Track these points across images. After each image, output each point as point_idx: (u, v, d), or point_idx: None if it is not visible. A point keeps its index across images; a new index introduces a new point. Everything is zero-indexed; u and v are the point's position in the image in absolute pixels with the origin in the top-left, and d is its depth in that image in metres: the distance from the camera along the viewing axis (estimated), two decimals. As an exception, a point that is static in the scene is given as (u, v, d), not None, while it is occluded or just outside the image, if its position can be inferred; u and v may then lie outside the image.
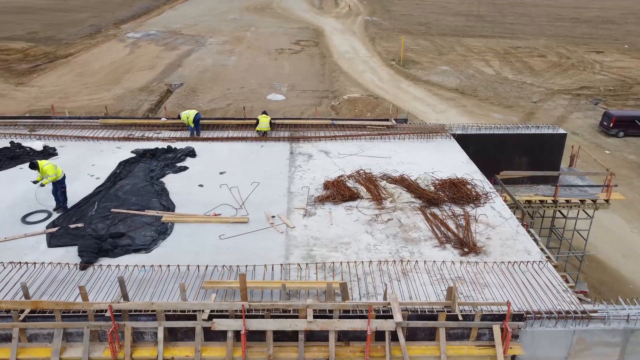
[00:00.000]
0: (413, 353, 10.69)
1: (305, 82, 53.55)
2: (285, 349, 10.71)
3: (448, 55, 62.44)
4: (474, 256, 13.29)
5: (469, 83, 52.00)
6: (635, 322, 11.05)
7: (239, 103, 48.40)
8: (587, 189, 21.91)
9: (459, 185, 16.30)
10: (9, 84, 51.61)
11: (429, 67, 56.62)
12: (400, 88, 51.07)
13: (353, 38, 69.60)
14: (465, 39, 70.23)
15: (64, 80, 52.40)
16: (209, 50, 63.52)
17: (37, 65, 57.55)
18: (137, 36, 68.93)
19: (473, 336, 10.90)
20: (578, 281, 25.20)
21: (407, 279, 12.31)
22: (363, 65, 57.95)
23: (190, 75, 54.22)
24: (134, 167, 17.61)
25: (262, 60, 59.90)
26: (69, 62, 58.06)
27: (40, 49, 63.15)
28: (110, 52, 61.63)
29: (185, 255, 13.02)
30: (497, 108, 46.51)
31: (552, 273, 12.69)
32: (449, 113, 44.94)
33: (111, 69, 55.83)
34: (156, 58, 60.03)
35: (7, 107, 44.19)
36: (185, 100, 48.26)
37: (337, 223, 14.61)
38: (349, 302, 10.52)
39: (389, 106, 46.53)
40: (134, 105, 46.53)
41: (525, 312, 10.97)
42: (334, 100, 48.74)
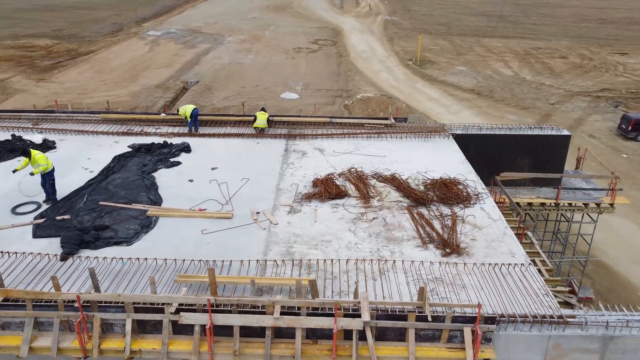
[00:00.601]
0: (381, 353, 10.54)
1: (320, 81, 53.50)
2: (253, 344, 10.66)
3: (466, 55, 61.67)
4: (455, 257, 13.05)
5: (485, 84, 51.25)
6: (614, 329, 10.69)
7: (252, 101, 48.62)
8: (591, 192, 21.37)
9: (450, 186, 16.04)
10: (30, 79, 52.79)
11: (446, 68, 56.01)
12: (415, 88, 50.63)
13: (371, 38, 69.28)
14: (486, 39, 69.28)
15: (83, 76, 53.38)
16: (226, 48, 63.98)
17: (59, 62, 58.74)
18: (158, 34, 69.83)
19: (444, 338, 10.69)
20: (583, 287, 24.62)
21: (384, 279, 12.14)
22: (379, 65, 57.62)
23: (207, 73, 54.68)
24: (128, 162, 17.79)
25: (278, 59, 60.05)
26: (90, 59, 59.13)
27: (63, 46, 64.46)
28: (130, 50, 62.57)
29: (166, 248, 13.08)
30: (513, 109, 45.72)
31: (534, 276, 12.37)
32: (463, 114, 44.36)
33: (130, 66, 56.64)
34: (174, 56, 60.72)
35: (26, 102, 45.12)
36: (200, 98, 48.69)
37: (321, 221, 14.51)
38: (315, 300, 10.42)
39: (402, 106, 46.35)
40: (149, 101, 47.10)
41: (498, 315, 10.72)
42: (348, 100, 48.57)
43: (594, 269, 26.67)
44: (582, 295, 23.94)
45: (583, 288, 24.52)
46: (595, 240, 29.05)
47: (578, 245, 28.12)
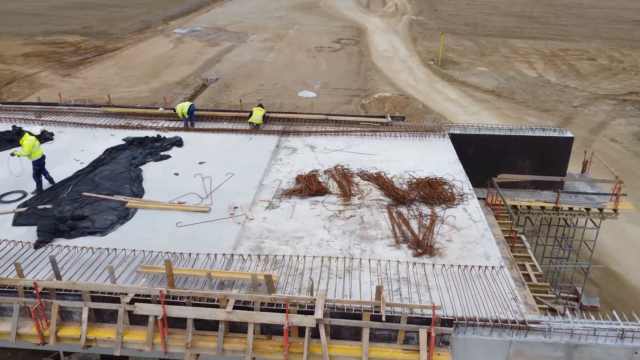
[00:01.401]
0: (335, 352, 10.37)
1: (340, 80, 53.33)
2: (207, 338, 10.63)
3: (490, 56, 60.55)
4: (427, 257, 12.76)
5: (507, 85, 50.19)
6: (580, 337, 10.26)
7: (270, 99, 48.82)
8: (595, 197, 20.63)
9: (435, 185, 15.70)
10: (57, 75, 54.22)
11: (467, 68, 55.09)
12: (434, 88, 49.95)
13: (395, 37, 68.70)
14: (512, 40, 67.86)
15: (107, 72, 54.54)
16: (249, 46, 64.41)
17: (86, 58, 60.18)
18: (183, 32, 70.82)
19: (400, 339, 10.44)
20: (589, 295, 23.90)
21: (350, 277, 11.96)
22: (400, 65, 57.09)
23: (227, 71, 55.16)
24: (119, 154, 18.04)
25: (299, 58, 60.15)
26: (115, 55, 60.37)
27: (91, 43, 66.00)
28: (155, 47, 63.63)
29: (138, 240, 13.18)
30: (534, 111, 44.65)
31: (505, 280, 11.99)
32: (481, 115, 43.56)
33: (153, 63, 57.59)
34: (197, 53, 61.46)
35: (50, 96, 46.24)
36: (218, 95, 49.18)
37: (298, 217, 14.41)
38: (267, 295, 10.32)
39: (419, 106, 45.84)
40: (168, 98, 47.65)
41: (457, 318, 10.41)
42: (365, 99, 48.27)
43: (603, 277, 25.82)
44: (586, 304, 23.22)
45: (588, 296, 23.79)
46: (607, 247, 28.19)
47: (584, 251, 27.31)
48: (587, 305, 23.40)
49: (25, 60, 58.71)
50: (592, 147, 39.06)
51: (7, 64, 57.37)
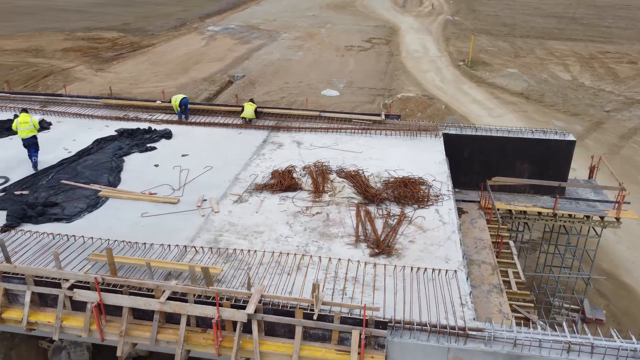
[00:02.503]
0: (267, 348, 10.19)
1: (366, 79, 52.88)
2: (143, 327, 10.65)
3: (525, 58, 58.73)
4: (384, 258, 12.39)
5: (537, 88, 48.54)
6: (522, 347, 9.70)
7: (293, 97, 48.94)
8: (597, 204, 19.62)
9: (411, 185, 15.26)
10: (91, 69, 55.94)
11: (498, 70, 53.62)
12: (461, 89, 48.84)
13: (427, 37, 67.59)
14: (550, 41, 65.62)
15: (138, 68, 55.89)
16: (279, 44, 64.71)
17: (120, 54, 61.87)
18: (217, 29, 71.84)
19: (335, 339, 10.16)
20: (595, 307, 22.81)
21: (299, 274, 11.74)
22: (429, 65, 56.11)
23: (254, 68, 55.56)
24: (107, 145, 18.38)
25: (328, 56, 59.99)
26: (148, 51, 61.81)
27: (127, 39, 67.80)
28: (187, 44, 64.78)
29: (101, 228, 13.37)
30: (562, 115, 43.03)
31: (459, 285, 11.49)
32: (506, 118, 42.29)
33: (183, 59, 58.63)
34: (228, 50, 62.21)
35: (82, 90, 47.86)
36: (242, 92, 49.54)
37: (263, 212, 14.28)
38: (197, 287, 10.23)
39: (441, 107, 44.91)
40: (193, 93, 48.48)
41: (394, 321, 10.03)
42: (388, 99, 47.65)
43: (613, 289, 24.61)
44: (590, 316, 22.18)
45: (594, 308, 22.73)
46: (624, 258, 26.85)
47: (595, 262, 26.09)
48: (592, 318, 22.33)
49: (64, 54, 60.82)
50: (621, 154, 37.43)
51: (47, 57, 59.59)
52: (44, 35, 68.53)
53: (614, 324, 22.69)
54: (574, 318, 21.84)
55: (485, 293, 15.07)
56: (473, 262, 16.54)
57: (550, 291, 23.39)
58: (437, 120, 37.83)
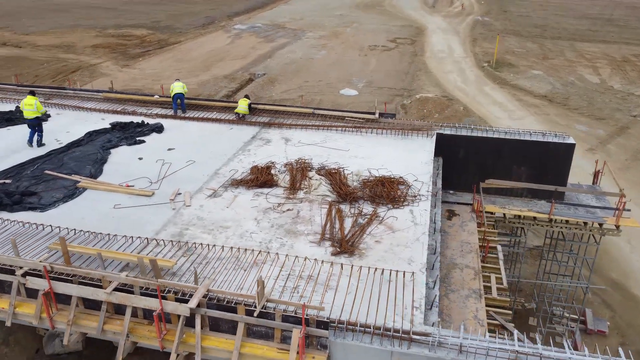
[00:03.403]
0: (210, 344, 10.09)
1: (386, 79, 52.37)
2: (92, 317, 10.70)
3: (553, 60, 57.07)
4: (345, 257, 12.12)
5: (562, 90, 47.09)
6: (467, 354, 9.31)
7: (311, 95, 48.82)
8: (597, 210, 18.81)
9: (389, 185, 14.92)
10: (117, 65, 57.14)
11: (523, 72, 52.27)
12: (482, 91, 47.81)
13: (454, 38, 66.47)
14: (582, 43, 63.62)
15: (162, 64, 56.78)
16: (303, 43, 64.75)
17: (147, 51, 63.00)
18: (243, 28, 72.41)
19: (277, 337, 9.98)
20: (598, 318, 21.95)
21: (255, 270, 11.59)
22: (452, 66, 55.15)
23: (276, 66, 55.73)
24: (98, 137, 18.64)
25: (350, 56, 59.67)
26: (174, 48, 62.76)
27: (156, 36, 69.00)
28: (212, 42, 65.49)
29: (73, 218, 13.53)
30: (585, 119, 41.59)
31: (417, 287, 11.12)
32: (526, 120, 41.17)
33: (207, 56, 59.29)
34: (251, 49, 62.59)
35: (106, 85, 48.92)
36: (261, 90, 49.78)
37: (235, 207, 14.20)
38: (140, 279, 10.19)
39: (460, 108, 44.07)
40: (213, 90, 49.00)
41: (337, 321, 9.77)
42: (406, 99, 47.06)
43: (621, 301, 23.59)
44: (591, 327, 21.36)
45: (597, 319, 21.89)
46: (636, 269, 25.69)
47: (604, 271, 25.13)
48: (593, 329, 21.48)
49: (93, 50, 62.32)
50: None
51: (77, 53, 61.19)
52: (76, 32, 70.39)
53: (617, 337, 21.76)
54: (573, 328, 21.02)
55: (463, 298, 14.60)
56: (456, 265, 16.08)
57: (554, 299, 22.60)
58: (454, 121, 37.13)
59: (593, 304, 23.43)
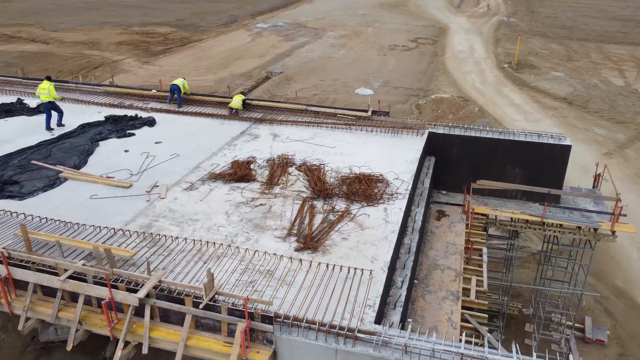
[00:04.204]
0: (158, 334, 10.09)
1: (403, 79, 51.88)
2: (48, 304, 10.82)
3: (577, 62, 55.58)
4: (308, 253, 11.97)
5: (583, 93, 45.82)
6: (411, 355, 9.05)
7: (325, 94, 48.75)
8: (594, 215, 18.17)
9: (366, 182, 14.69)
10: (138, 62, 58.09)
11: (544, 73, 51.06)
12: (500, 92, 46.88)
13: (476, 38, 65.39)
14: (610, 45, 61.80)
15: (182, 62, 57.47)
16: (323, 42, 64.68)
17: (169, 48, 63.86)
18: (265, 26, 72.75)
19: (224, 331, 9.90)
20: (598, 327, 21.28)
21: (213, 263, 11.55)
22: (472, 66, 54.26)
23: (293, 65, 55.80)
24: (90, 129, 18.91)
25: (369, 55, 59.33)
26: (195, 46, 63.46)
27: (179, 34, 69.90)
28: (233, 40, 65.98)
29: (49, 208, 13.74)
30: (605, 123, 40.36)
31: (373, 286, 10.89)
32: (543, 123, 40.19)
33: (227, 54, 59.76)
34: (271, 47, 62.81)
35: (125, 81, 49.71)
36: (276, 88, 49.94)
37: (208, 200, 14.20)
38: (91, 268, 10.24)
39: (475, 109, 43.32)
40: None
41: (283, 317, 9.63)
42: (422, 99, 46.52)
43: (624, 310, 22.81)
44: (589, 336, 20.71)
45: (597, 328, 21.22)
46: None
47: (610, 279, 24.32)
48: (591, 338, 20.81)
49: (117, 47, 63.47)
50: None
51: (101, 50, 62.43)
52: (103, 30, 71.84)
53: (616, 347, 21.02)
54: (567, 335, 20.37)
55: (439, 299, 14.33)
56: (437, 266, 15.78)
57: (552, 306, 21.96)
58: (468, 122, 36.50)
59: (594, 312, 22.69)
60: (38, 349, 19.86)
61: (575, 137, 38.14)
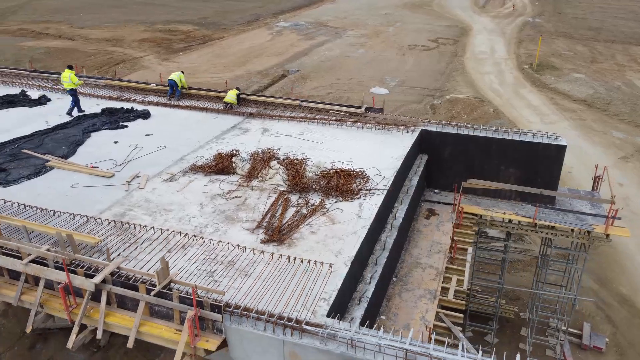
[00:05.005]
0: (113, 320, 10.20)
1: (420, 79, 51.40)
2: (13, 287, 11.03)
3: (601, 63, 54.17)
4: (274, 245, 11.93)
5: (605, 95, 44.63)
6: (356, 349, 8.92)
7: (340, 93, 48.65)
8: (588, 218, 17.63)
9: (345, 177, 14.57)
10: (158, 59, 58.98)
11: (566, 75, 49.89)
12: (518, 93, 46.03)
13: (498, 39, 64.33)
14: (637, 47, 60.07)
15: (201, 59, 58.09)
16: (342, 42, 64.55)
17: (190, 46, 64.65)
18: (285, 25, 72.98)
19: (177, 319, 9.94)
20: (596, 334, 20.70)
21: (177, 253, 11.60)
22: (491, 67, 53.41)
23: (310, 64, 55.86)
24: (85, 121, 19.25)
25: (387, 55, 58.95)
26: (214, 44, 64.08)
27: (200, 32, 70.71)
28: (253, 38, 66.39)
29: (30, 194, 14.02)
30: (624, 126, 39.22)
31: (332, 279, 10.78)
32: (560, 125, 39.31)
33: (245, 52, 60.18)
34: (290, 46, 63.00)
35: (143, 77, 50.58)
36: (292, 86, 50.02)
37: (185, 191, 14.28)
38: (50, 252, 10.40)
39: (489, 110, 42.62)
40: (245, 85, 49.63)
41: (233, 306, 9.60)
42: (437, 100, 45.98)
43: (627, 318, 22.13)
44: (586, 342, 20.16)
45: (595, 335, 20.65)
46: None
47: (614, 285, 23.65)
48: (588, 345, 20.22)
49: (139, 44, 64.57)
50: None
51: (124, 47, 63.59)
52: (127, 27, 73.17)
53: (615, 355, 20.37)
54: (562, 341, 19.83)
55: (416, 298, 14.12)
56: (419, 265, 15.56)
57: (550, 311, 21.43)
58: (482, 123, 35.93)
59: (594, 318, 22.06)
60: (35, 335, 20.33)
61: (592, 140, 37.18)
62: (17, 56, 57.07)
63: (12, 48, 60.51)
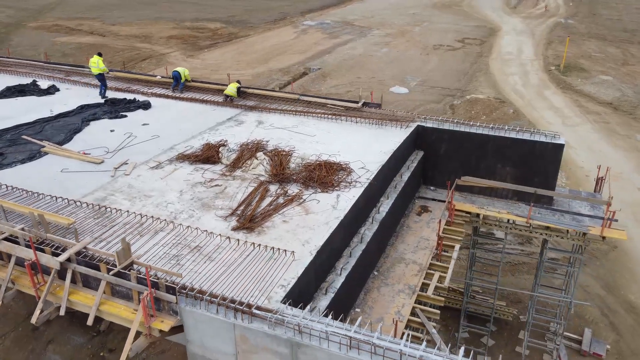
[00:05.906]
0: (77, 298, 10.45)
1: (442, 79, 50.81)
2: (-11, 264, 11.43)
3: (633, 66, 52.51)
4: (244, 233, 12.01)
5: (632, 98, 43.22)
6: (302, 335, 8.91)
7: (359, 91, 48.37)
8: (585, 219, 17.13)
9: (327, 169, 14.54)
10: (183, 55, 59.96)
11: (593, 77, 48.52)
12: (541, 95, 45.01)
13: (527, 39, 63.03)
14: (673, 50, 57.96)
15: (224, 56, 58.83)
16: (367, 40, 64.35)
17: (216, 43, 65.54)
18: (311, 24, 73.18)
19: (135, 299, 10.11)
20: (597, 340, 20.15)
21: (148, 236, 11.80)
22: (516, 68, 52.40)
23: (332, 62, 55.88)
24: (87, 110, 19.75)
25: (411, 54, 58.50)
26: (240, 41, 64.76)
27: (227, 30, 71.61)
28: (278, 36, 66.82)
29: (21, 178, 14.45)
30: (651, 131, 37.91)
31: (293, 267, 10.78)
32: (581, 128, 38.34)
33: (269, 50, 60.63)
34: (314, 44, 63.17)
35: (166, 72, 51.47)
36: (311, 84, 50.20)
37: (169, 179, 14.50)
38: (19, 231, 10.71)
39: (509, 111, 41.83)
40: (265, 82, 50.07)
41: (188, 289, 9.71)
42: (457, 100, 45.37)
43: (632, 325, 21.45)
44: (585, 349, 19.63)
45: (596, 341, 20.07)
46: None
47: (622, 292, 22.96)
48: (588, 351, 19.66)
49: (167, 41, 65.78)
50: None
51: (151, 43, 64.89)
52: (157, 24, 74.65)
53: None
54: (558, 345, 19.30)
55: (394, 293, 14.03)
56: (403, 260, 15.43)
57: (551, 315, 20.88)
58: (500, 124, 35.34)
59: (598, 324, 21.41)
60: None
61: (615, 143, 36.06)
62: (50, 51, 58.83)
63: (46, 43, 62.42)
